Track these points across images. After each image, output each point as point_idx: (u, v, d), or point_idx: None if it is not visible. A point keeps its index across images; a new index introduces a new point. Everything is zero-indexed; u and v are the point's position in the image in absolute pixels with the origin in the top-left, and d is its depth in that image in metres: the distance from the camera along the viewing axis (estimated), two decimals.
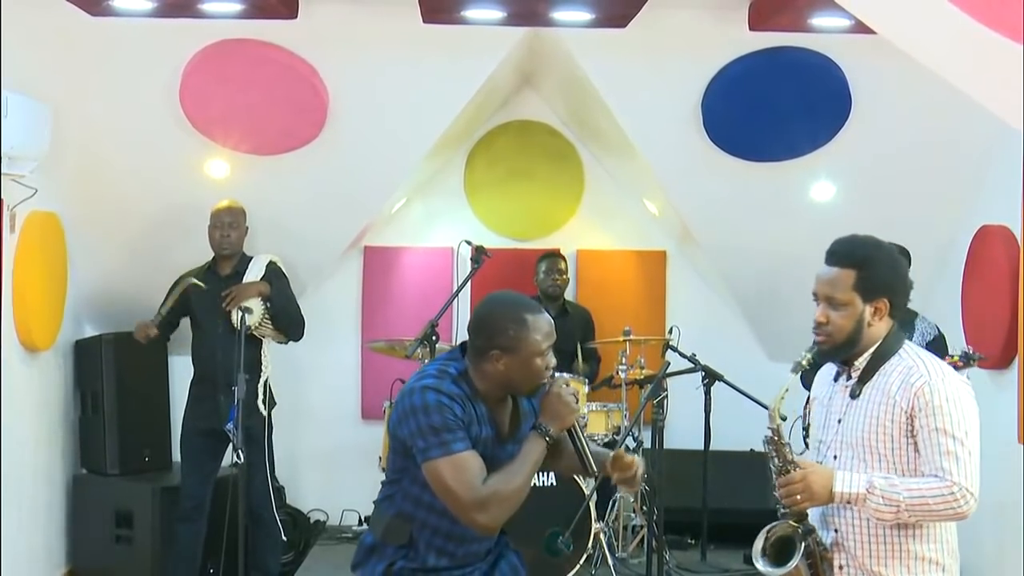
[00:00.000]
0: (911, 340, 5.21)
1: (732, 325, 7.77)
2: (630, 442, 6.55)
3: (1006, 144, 5.99)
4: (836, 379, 3.36)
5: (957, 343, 6.05)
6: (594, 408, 6.62)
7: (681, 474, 6.79)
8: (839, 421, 3.29)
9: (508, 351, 3.26)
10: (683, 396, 6.85)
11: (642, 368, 6.70)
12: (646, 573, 6.26)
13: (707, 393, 6.56)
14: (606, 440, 6.59)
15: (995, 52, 2.70)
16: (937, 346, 5.52)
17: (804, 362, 3.24)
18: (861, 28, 5.37)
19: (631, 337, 6.68)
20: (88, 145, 6.35)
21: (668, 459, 6.56)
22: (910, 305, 5.37)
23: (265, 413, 6.28)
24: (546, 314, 3.37)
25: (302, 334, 6.43)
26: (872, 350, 3.23)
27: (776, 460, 3.25)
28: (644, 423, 6.76)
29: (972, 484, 3.09)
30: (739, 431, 6.07)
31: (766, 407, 4.91)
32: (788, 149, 6.55)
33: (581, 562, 6.12)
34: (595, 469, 3.38)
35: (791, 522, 3.22)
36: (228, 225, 6.29)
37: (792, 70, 6.26)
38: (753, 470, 6.67)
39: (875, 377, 3.22)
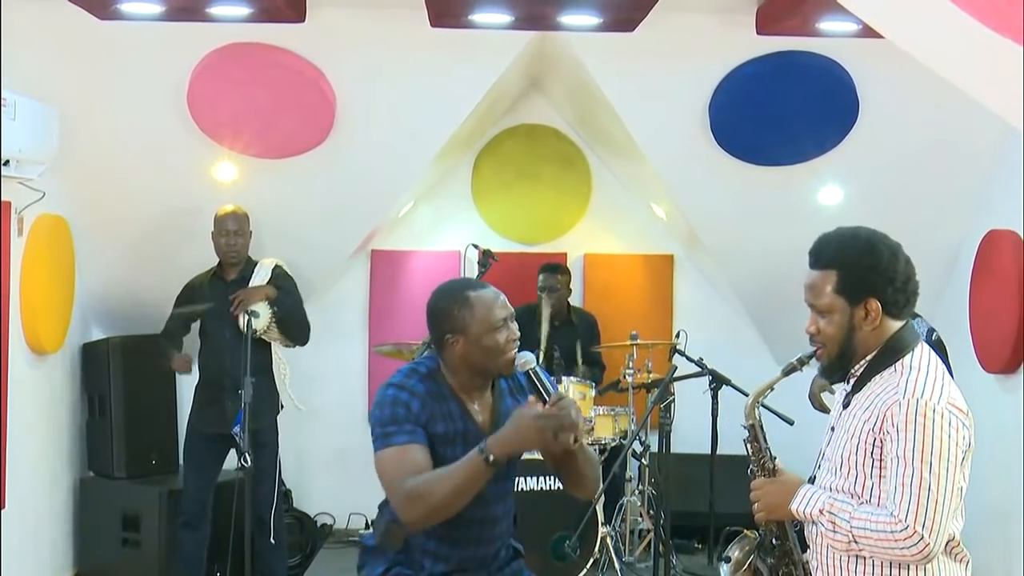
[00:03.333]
0: None
1: (739, 329, 7.76)
2: (637, 446, 6.55)
3: (1014, 148, 5.99)
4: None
5: (963, 348, 6.04)
6: (601, 412, 6.61)
7: (688, 478, 6.78)
8: (832, 430, 3.03)
9: (460, 332, 3.28)
10: (690, 400, 6.84)
11: (649, 372, 6.70)
12: None
13: (714, 397, 6.55)
14: (613, 444, 6.59)
15: (1000, 55, 2.70)
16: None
17: (796, 362, 3.04)
18: (869, 32, 5.36)
19: (638, 341, 6.67)
20: (96, 148, 6.36)
21: (675, 463, 6.56)
22: (928, 313, 5.42)
23: (296, 406, 6.32)
24: (493, 288, 3.34)
25: (307, 339, 6.44)
26: (870, 357, 2.93)
27: (752, 463, 3.10)
28: (651, 427, 6.74)
29: (924, 524, 2.72)
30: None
31: (774, 412, 4.85)
32: (796, 153, 6.54)
33: (588, 566, 6.11)
34: (550, 396, 3.19)
35: (747, 532, 3.08)
36: (234, 233, 6.29)
37: (800, 74, 6.26)
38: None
39: (867, 386, 2.92)
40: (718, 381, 6.47)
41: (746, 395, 5.89)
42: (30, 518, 6.24)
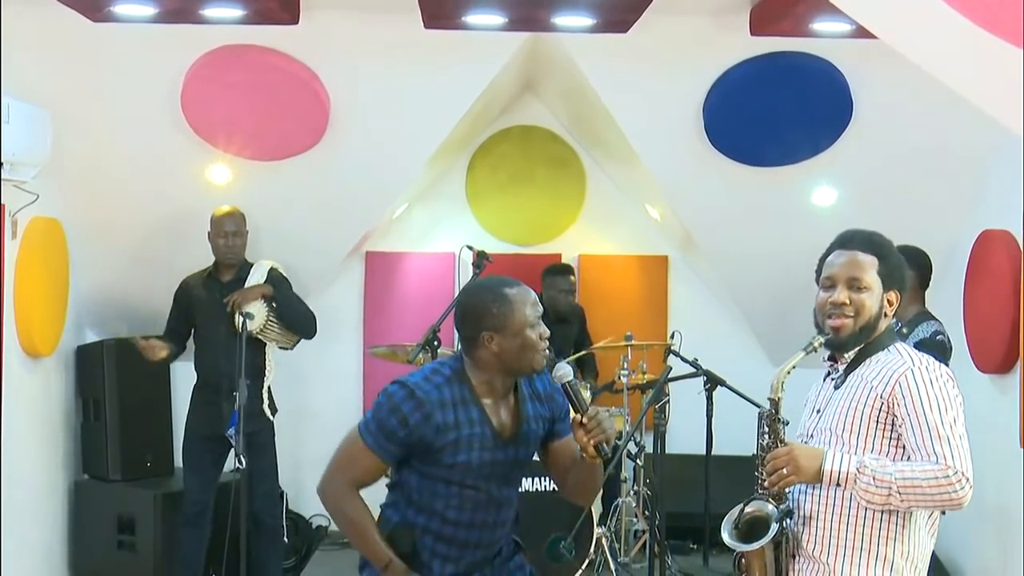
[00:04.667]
0: (909, 338, 5.25)
1: (734, 330, 7.77)
2: (632, 447, 6.55)
3: (1008, 148, 5.99)
4: (825, 379, 3.32)
5: (958, 348, 6.04)
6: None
7: (683, 479, 6.78)
8: (818, 412, 3.24)
9: (497, 330, 3.29)
10: (685, 401, 6.84)
11: (644, 373, 6.70)
12: None
13: (709, 398, 6.55)
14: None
15: (995, 56, 2.70)
16: (924, 348, 5.32)
17: (816, 343, 3.19)
18: (862, 33, 5.37)
19: (633, 342, 6.67)
20: (90, 151, 6.35)
21: (670, 464, 6.56)
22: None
23: (272, 418, 6.30)
24: (526, 286, 3.38)
25: (315, 329, 6.42)
26: (861, 346, 3.19)
27: (767, 437, 3.19)
28: (646, 428, 6.75)
29: (967, 469, 2.96)
30: (741, 436, 6.03)
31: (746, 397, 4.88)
32: (789, 154, 6.55)
33: (583, 567, 6.12)
34: (586, 409, 3.29)
35: (770, 500, 3.14)
36: (232, 234, 6.28)
37: (793, 75, 6.26)
38: (756, 475, 6.65)
39: (860, 367, 3.17)
40: (713, 382, 6.46)
41: (741, 395, 5.99)
42: (25, 521, 6.23)
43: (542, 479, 5.97)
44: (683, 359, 6.45)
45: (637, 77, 6.40)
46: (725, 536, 3.19)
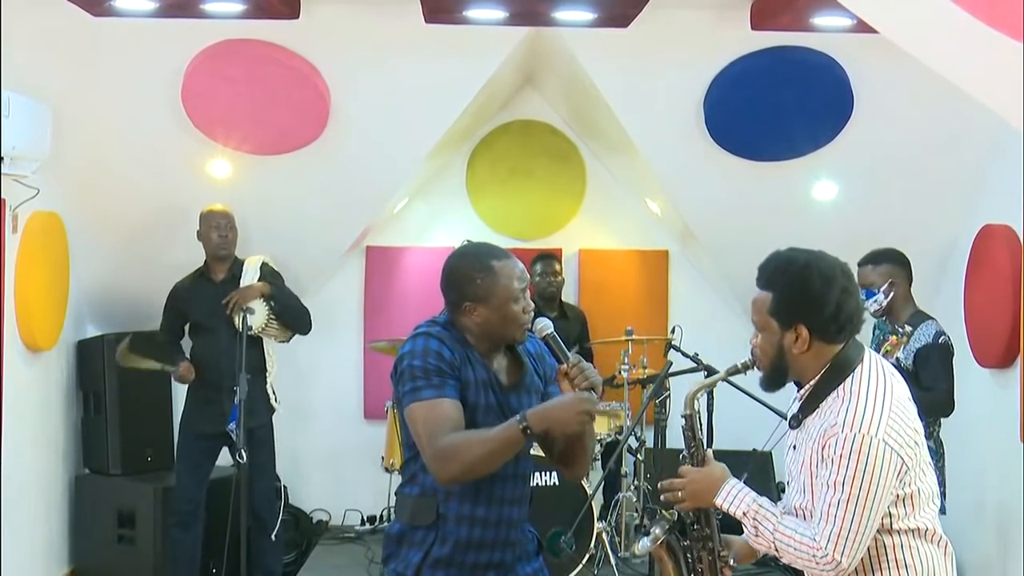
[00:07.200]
0: (911, 341, 5.24)
1: (735, 324, 7.75)
2: (633, 442, 6.55)
3: (1009, 142, 5.99)
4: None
5: (958, 343, 6.04)
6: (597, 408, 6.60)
7: None
8: (793, 448, 3.07)
9: (480, 300, 3.26)
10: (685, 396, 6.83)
11: (644, 368, 6.70)
12: (648, 573, 6.26)
13: (709, 393, 6.55)
14: (609, 440, 6.60)
15: (995, 50, 2.70)
16: (923, 355, 5.25)
17: (740, 365, 3.15)
18: (863, 27, 5.36)
19: (633, 337, 6.68)
20: (90, 145, 6.35)
21: (670, 459, 6.53)
22: (923, 308, 5.44)
23: (277, 408, 6.30)
24: (514, 258, 3.34)
25: (310, 326, 6.43)
26: (815, 380, 2.97)
27: (685, 450, 3.18)
28: (646, 423, 6.75)
29: (844, 551, 2.81)
30: (741, 431, 6.06)
31: (769, 407, 4.90)
32: (790, 148, 6.55)
33: (584, 562, 6.13)
34: (569, 359, 3.27)
35: (665, 513, 3.18)
36: (226, 227, 6.30)
37: (794, 69, 6.26)
38: (755, 469, 6.66)
39: (818, 409, 2.96)
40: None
41: (741, 390, 5.99)
42: (26, 515, 6.23)
43: (538, 474, 5.97)
44: (684, 354, 6.45)
45: (638, 72, 6.39)
46: (638, 540, 3.26)
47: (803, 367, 2.99)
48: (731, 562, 3.18)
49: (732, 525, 3.11)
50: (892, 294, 5.35)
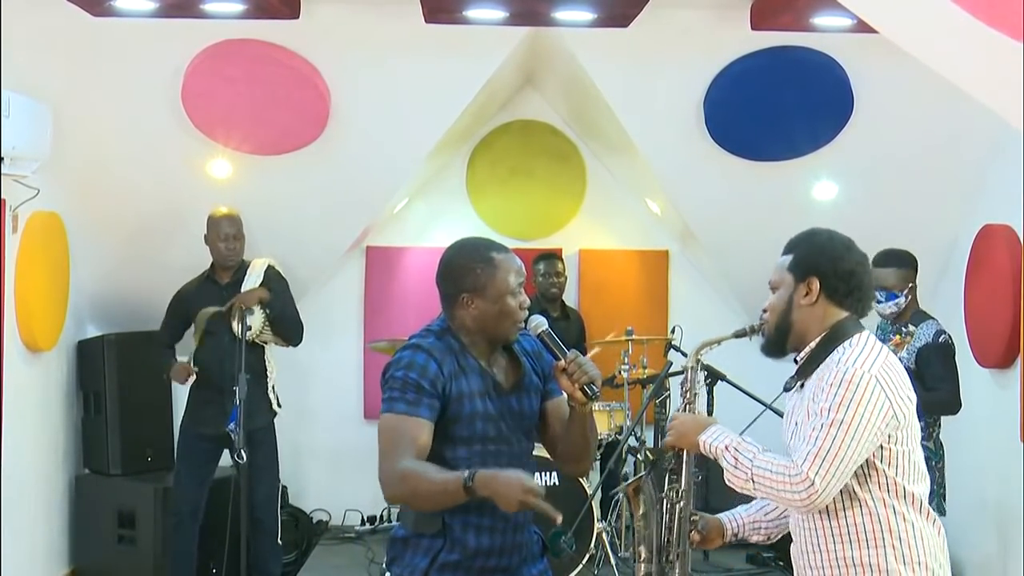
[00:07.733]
0: (912, 341, 5.25)
1: (734, 324, 7.57)
2: (633, 442, 6.55)
3: (1009, 143, 5.99)
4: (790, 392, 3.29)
5: (958, 342, 6.04)
6: (597, 408, 6.59)
7: None
8: (790, 415, 3.19)
9: (478, 292, 3.23)
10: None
11: (644, 368, 6.70)
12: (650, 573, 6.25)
13: (709, 392, 6.54)
14: (609, 440, 6.59)
15: (996, 50, 2.70)
16: (925, 355, 5.26)
17: (748, 328, 3.32)
18: (863, 27, 5.36)
19: (633, 337, 6.68)
20: (90, 145, 6.35)
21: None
22: (924, 308, 5.44)
23: (279, 411, 6.30)
24: (512, 253, 3.32)
25: (301, 338, 6.41)
26: (813, 344, 3.10)
27: (682, 399, 3.38)
28: (647, 423, 6.75)
29: (818, 472, 2.86)
30: (741, 430, 6.06)
31: (769, 407, 4.94)
32: (790, 148, 6.55)
33: (584, 562, 6.12)
34: (566, 355, 3.27)
35: (649, 454, 3.30)
36: (232, 236, 6.24)
37: (794, 69, 6.26)
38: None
39: (815, 374, 3.06)
40: (713, 377, 6.46)
41: (741, 390, 6.00)
42: (26, 515, 6.23)
43: (538, 475, 5.96)
44: (684, 354, 6.44)
45: (638, 71, 6.40)
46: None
47: (806, 326, 3.12)
48: (699, 526, 3.38)
49: (716, 508, 3.18)
50: (910, 297, 5.35)
